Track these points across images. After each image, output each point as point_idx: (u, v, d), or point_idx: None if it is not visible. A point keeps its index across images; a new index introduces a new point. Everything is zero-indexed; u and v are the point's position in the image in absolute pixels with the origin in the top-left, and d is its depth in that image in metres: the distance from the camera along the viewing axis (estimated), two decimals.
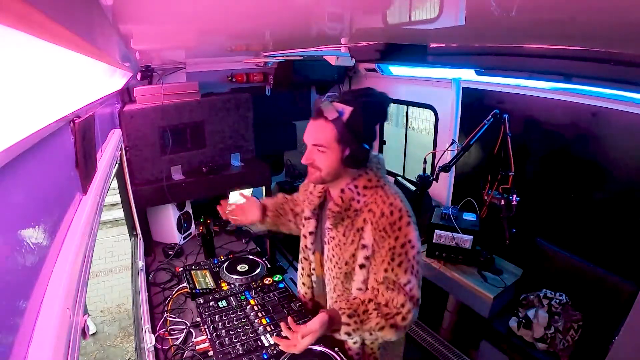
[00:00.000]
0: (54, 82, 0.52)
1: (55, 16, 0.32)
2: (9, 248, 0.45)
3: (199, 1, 0.75)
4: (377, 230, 1.13)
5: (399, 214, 1.12)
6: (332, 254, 1.27)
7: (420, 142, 3.68)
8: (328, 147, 1.13)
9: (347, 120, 1.10)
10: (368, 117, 1.14)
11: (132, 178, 2.17)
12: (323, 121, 1.12)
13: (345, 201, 1.19)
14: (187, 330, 1.56)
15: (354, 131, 1.11)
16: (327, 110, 1.11)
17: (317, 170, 1.17)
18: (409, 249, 1.11)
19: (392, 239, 1.11)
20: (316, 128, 1.14)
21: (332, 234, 1.25)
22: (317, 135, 1.14)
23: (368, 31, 1.19)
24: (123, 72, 1.32)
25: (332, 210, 1.21)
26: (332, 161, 1.14)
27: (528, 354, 1.87)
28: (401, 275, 1.10)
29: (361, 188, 1.19)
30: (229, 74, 2.77)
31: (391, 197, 1.15)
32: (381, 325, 1.09)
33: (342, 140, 1.12)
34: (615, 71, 0.88)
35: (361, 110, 1.11)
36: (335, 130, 1.10)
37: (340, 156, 1.14)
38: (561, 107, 1.97)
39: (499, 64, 1.37)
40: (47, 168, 0.67)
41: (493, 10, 0.69)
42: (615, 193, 1.87)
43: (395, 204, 1.13)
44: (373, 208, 1.15)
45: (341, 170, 1.17)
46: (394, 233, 1.11)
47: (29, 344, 0.46)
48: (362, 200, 1.18)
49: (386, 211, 1.13)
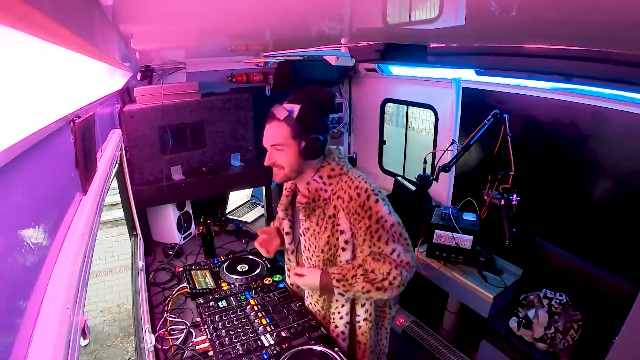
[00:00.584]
0: (54, 82, 0.52)
1: (55, 16, 0.32)
2: (9, 248, 0.45)
3: (199, 1, 0.75)
4: (350, 214, 1.21)
5: (366, 194, 1.19)
6: (308, 244, 1.36)
7: (420, 142, 3.68)
8: (285, 144, 1.21)
9: (297, 116, 1.19)
10: (316, 110, 1.23)
11: (132, 178, 2.17)
12: (276, 122, 1.21)
13: (312, 192, 1.26)
14: (187, 330, 1.56)
15: (305, 125, 1.20)
16: (278, 111, 1.21)
17: (280, 168, 1.26)
18: (383, 223, 1.19)
19: (366, 219, 1.19)
20: (271, 130, 1.23)
21: (307, 224, 1.33)
22: (273, 135, 1.23)
23: (368, 31, 1.19)
24: (123, 72, 1.32)
25: (301, 202, 1.28)
26: (291, 156, 1.22)
27: (528, 354, 1.87)
28: (384, 247, 1.19)
29: (326, 178, 1.26)
30: (229, 74, 2.76)
31: (355, 181, 1.23)
32: (367, 289, 1.22)
33: (296, 135, 1.20)
34: (615, 71, 0.88)
35: (308, 105, 1.21)
36: (289, 128, 1.19)
37: (298, 150, 1.21)
38: (561, 107, 1.97)
39: (499, 64, 1.37)
40: (47, 168, 0.67)
41: (493, 10, 0.68)
42: (615, 193, 1.87)
43: (360, 185, 1.21)
44: (341, 194, 1.23)
45: (302, 164, 1.25)
46: (365, 213, 1.19)
47: (29, 344, 0.46)
48: (330, 189, 1.26)
49: (353, 194, 1.20)
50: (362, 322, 1.37)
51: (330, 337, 1.37)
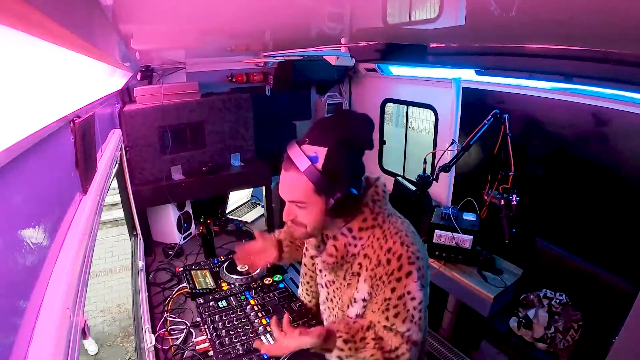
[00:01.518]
0: (54, 82, 0.52)
1: (55, 16, 0.32)
2: (9, 248, 0.45)
3: (199, 1, 0.75)
4: (373, 279, 0.99)
5: (398, 263, 0.95)
6: (331, 297, 1.15)
7: (420, 142, 3.69)
8: (308, 202, 0.95)
9: (323, 166, 0.91)
10: (348, 154, 0.94)
11: (132, 178, 2.17)
12: (295, 172, 0.93)
13: (340, 249, 1.03)
14: (187, 330, 1.56)
15: (334, 176, 0.92)
16: (297, 157, 0.92)
17: (302, 226, 1.01)
18: (407, 301, 0.95)
19: (389, 290, 0.96)
20: (289, 182, 0.96)
21: (330, 277, 1.13)
22: (291, 190, 0.96)
23: (368, 31, 1.19)
24: (123, 72, 1.32)
25: (327, 262, 1.06)
26: (315, 215, 0.97)
27: (528, 354, 1.87)
28: (399, 325, 0.96)
29: (356, 231, 1.02)
30: (229, 74, 2.76)
31: (390, 241, 0.97)
32: (376, 358, 0.97)
33: (322, 190, 0.93)
34: (615, 71, 0.88)
35: (338, 148, 0.92)
36: (311, 182, 0.92)
37: (324, 208, 0.96)
38: (561, 107, 1.97)
39: (499, 64, 1.37)
40: (47, 168, 0.67)
41: (493, 10, 0.69)
42: (616, 193, 1.87)
43: (394, 249, 0.96)
44: (369, 253, 1.00)
45: (329, 221, 1.01)
46: (390, 284, 0.96)
47: (29, 344, 0.46)
48: (360, 244, 1.02)
49: (383, 259, 0.97)
50: None
51: None
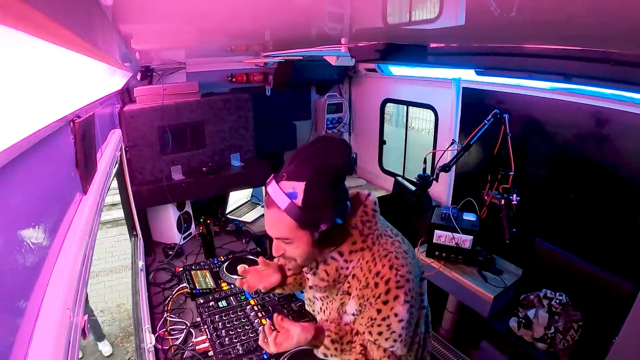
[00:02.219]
0: (54, 82, 0.52)
1: (55, 16, 0.32)
2: (9, 248, 0.45)
3: (199, 1, 0.75)
4: (360, 298, 1.00)
5: (386, 287, 0.94)
6: (325, 308, 1.18)
7: (420, 142, 3.69)
8: (293, 238, 0.95)
9: (303, 201, 0.89)
10: (328, 182, 0.92)
11: (132, 178, 2.17)
12: (276, 210, 0.92)
13: (331, 274, 1.04)
14: (187, 330, 1.56)
15: (315, 210, 0.90)
16: (276, 196, 0.91)
17: (292, 260, 1.02)
18: (392, 322, 0.95)
19: (374, 311, 0.96)
20: (272, 219, 0.95)
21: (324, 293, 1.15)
22: (276, 228, 0.96)
23: (368, 31, 1.19)
24: (123, 72, 1.32)
25: (319, 286, 1.07)
26: (303, 249, 0.97)
27: (528, 354, 1.87)
28: (382, 342, 0.98)
29: (347, 254, 1.02)
30: (229, 74, 2.77)
31: (379, 265, 0.97)
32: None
33: (305, 226, 0.92)
34: (615, 71, 0.88)
35: (316, 181, 0.90)
36: (293, 220, 0.91)
37: (311, 240, 0.95)
38: (561, 107, 1.98)
39: (499, 64, 1.37)
40: (47, 168, 0.67)
41: (493, 10, 0.69)
42: (616, 193, 1.87)
43: (382, 273, 0.95)
44: (358, 274, 1.01)
45: (318, 252, 1.01)
46: (376, 305, 0.96)
47: (29, 344, 0.46)
48: (351, 266, 1.03)
49: (371, 282, 0.97)
50: None
51: None
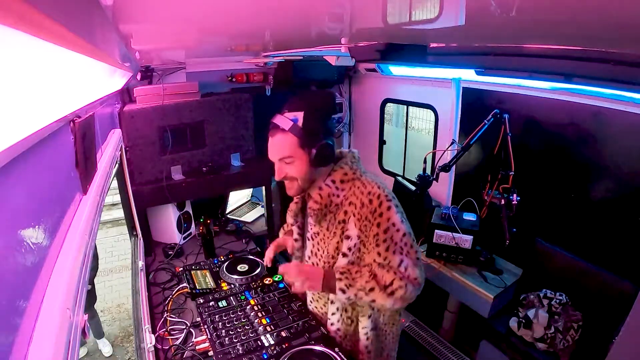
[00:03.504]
0: (54, 82, 0.52)
1: (55, 16, 0.32)
2: (9, 248, 0.45)
3: (199, 1, 0.75)
4: (360, 221, 1.16)
5: (378, 200, 1.14)
6: (316, 249, 1.31)
7: (420, 142, 3.68)
8: (294, 156, 1.17)
9: (303, 124, 1.13)
10: (320, 114, 1.18)
11: (132, 178, 2.17)
12: (280, 134, 1.16)
13: (324, 197, 1.21)
14: (187, 330, 1.56)
15: (312, 132, 1.15)
16: (281, 121, 1.15)
17: (294, 180, 1.21)
18: (393, 232, 1.14)
19: (375, 226, 1.14)
20: (277, 142, 1.17)
21: (316, 229, 1.29)
22: (280, 148, 1.17)
23: (368, 31, 1.19)
24: (123, 72, 1.32)
25: (313, 208, 1.23)
26: (303, 167, 1.18)
27: (528, 354, 1.87)
28: (391, 258, 1.14)
29: (338, 182, 1.22)
30: (229, 74, 2.76)
31: (368, 186, 1.18)
32: (371, 287, 1.13)
33: (305, 143, 1.15)
34: (615, 71, 0.88)
35: (311, 110, 1.15)
36: (296, 137, 1.14)
37: (308, 159, 1.17)
38: (561, 107, 1.98)
39: (499, 64, 1.37)
40: (47, 168, 0.67)
41: (493, 10, 0.68)
42: (615, 193, 1.87)
43: (373, 191, 1.16)
44: (353, 200, 1.19)
45: (314, 171, 1.21)
46: (375, 220, 1.14)
47: (29, 344, 0.46)
48: (342, 195, 1.21)
49: (365, 200, 1.16)
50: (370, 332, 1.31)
51: (330, 337, 1.37)
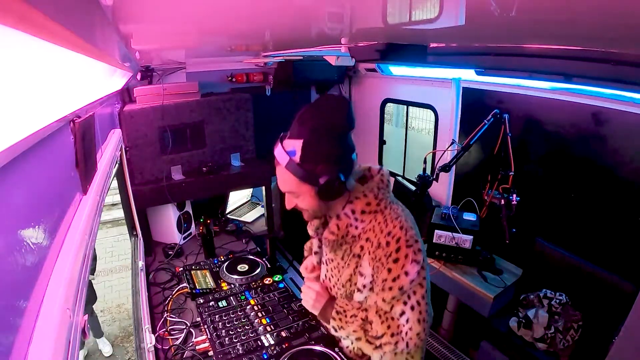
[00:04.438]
0: (54, 82, 0.52)
1: (55, 16, 0.32)
2: (9, 248, 0.45)
3: (199, 1, 0.75)
4: (374, 261, 1.05)
5: (396, 245, 1.01)
6: (330, 275, 1.23)
7: (420, 142, 3.69)
8: (298, 191, 1.04)
9: (301, 158, 0.96)
10: (325, 140, 0.97)
11: (132, 178, 2.17)
12: (281, 167, 1.01)
13: (342, 228, 1.09)
14: (187, 330, 1.56)
15: (312, 166, 0.97)
16: (278, 155, 1.01)
17: (304, 211, 1.11)
18: (404, 283, 1.00)
19: (385, 271, 1.02)
20: (279, 176, 1.05)
21: (330, 256, 1.20)
22: (283, 183, 1.05)
23: (368, 31, 1.19)
24: (123, 72, 1.32)
25: (329, 238, 1.12)
26: (309, 202, 1.05)
27: (528, 354, 1.87)
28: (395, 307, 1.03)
29: (359, 213, 1.08)
30: (229, 74, 2.77)
31: (390, 225, 1.04)
32: (358, 336, 1.08)
33: (305, 180, 0.99)
34: (615, 71, 0.88)
35: (313, 137, 0.96)
36: (294, 175, 0.99)
37: (314, 193, 1.02)
38: (561, 107, 1.98)
39: (499, 64, 1.37)
40: (47, 168, 0.67)
41: (493, 10, 0.68)
42: (615, 193, 1.87)
43: (393, 233, 1.02)
44: (370, 237, 1.07)
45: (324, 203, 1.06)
46: (387, 265, 1.02)
47: (29, 344, 0.46)
48: (360, 227, 1.08)
49: (382, 242, 1.03)
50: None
51: (330, 337, 1.37)
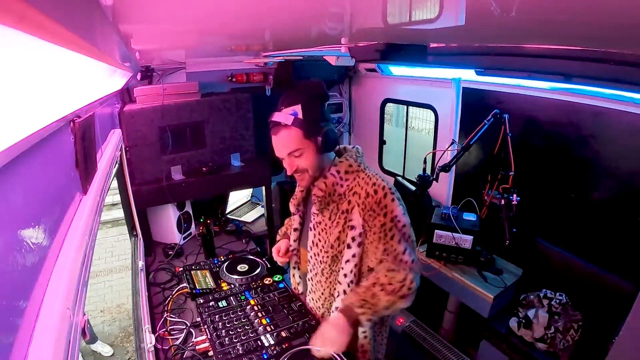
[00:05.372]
0: (54, 82, 0.52)
1: (55, 16, 0.32)
2: (9, 248, 0.45)
3: (199, 1, 0.75)
4: (365, 211, 1.21)
5: (383, 192, 1.20)
6: (318, 239, 1.34)
7: (420, 142, 3.69)
8: (302, 147, 1.21)
9: (303, 115, 1.17)
10: (316, 102, 1.22)
11: (132, 178, 2.17)
12: (284, 129, 1.19)
13: (329, 186, 1.26)
14: (187, 330, 1.56)
15: (313, 121, 1.19)
16: (282, 118, 1.18)
17: (304, 172, 1.26)
18: (397, 222, 1.20)
19: (382, 216, 1.19)
20: (282, 138, 1.21)
21: (318, 218, 1.32)
22: (286, 143, 1.21)
23: (368, 31, 1.19)
24: (123, 72, 1.32)
25: (317, 195, 1.28)
26: (311, 156, 1.22)
27: (528, 354, 1.87)
28: (397, 246, 1.20)
29: (343, 173, 1.26)
30: (229, 74, 2.77)
31: (373, 178, 1.23)
32: (391, 301, 1.17)
33: (309, 133, 1.19)
34: (615, 71, 0.88)
35: (308, 100, 1.19)
36: (300, 129, 1.18)
37: (316, 147, 1.22)
38: (561, 107, 1.97)
39: (499, 64, 1.37)
40: (47, 168, 0.67)
41: (493, 10, 0.68)
42: (615, 193, 1.87)
43: (377, 183, 1.22)
44: (357, 190, 1.23)
45: (322, 160, 1.26)
46: (382, 210, 1.19)
47: (29, 344, 0.46)
48: (345, 185, 1.26)
49: (370, 191, 1.21)
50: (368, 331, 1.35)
51: None
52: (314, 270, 1.40)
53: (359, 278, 1.30)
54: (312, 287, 1.46)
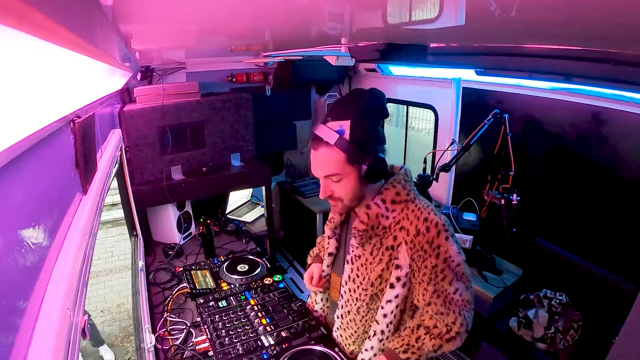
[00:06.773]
0: (54, 82, 0.52)
1: (55, 16, 0.32)
2: (9, 248, 0.45)
3: (199, 1, 0.75)
4: (414, 250, 1.04)
5: (436, 229, 1.02)
6: (355, 274, 1.17)
7: (420, 142, 3.69)
8: (342, 173, 1.03)
9: (350, 136, 0.99)
10: (369, 122, 1.03)
11: (132, 178, 2.17)
12: (325, 147, 1.01)
13: (372, 218, 1.08)
14: (187, 330, 1.56)
15: (361, 145, 1.00)
16: (325, 134, 1.00)
17: (339, 201, 1.09)
18: (450, 262, 1.03)
19: (434, 257, 1.02)
20: (322, 158, 1.03)
21: (358, 252, 1.15)
22: (325, 165, 1.03)
23: (368, 31, 1.19)
24: (123, 72, 1.32)
25: (358, 228, 1.10)
26: (351, 185, 1.05)
27: (528, 354, 1.86)
28: (447, 287, 1.04)
29: (389, 203, 1.08)
30: (229, 74, 2.77)
31: (424, 212, 1.05)
32: (438, 345, 1.05)
33: (354, 159, 1.01)
34: (615, 71, 0.88)
35: (359, 118, 1.00)
36: (343, 153, 1.00)
37: (358, 176, 1.04)
38: (561, 107, 1.97)
39: (499, 64, 1.37)
40: (47, 168, 0.67)
41: (493, 10, 0.68)
42: (616, 193, 1.87)
43: (430, 218, 1.04)
44: (406, 225, 1.06)
45: (364, 189, 1.08)
46: (434, 251, 1.02)
47: (29, 344, 0.46)
48: (392, 217, 1.08)
49: (422, 228, 1.03)
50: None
51: (330, 337, 1.37)
52: (347, 307, 1.23)
53: (399, 318, 1.15)
54: (344, 324, 1.27)
